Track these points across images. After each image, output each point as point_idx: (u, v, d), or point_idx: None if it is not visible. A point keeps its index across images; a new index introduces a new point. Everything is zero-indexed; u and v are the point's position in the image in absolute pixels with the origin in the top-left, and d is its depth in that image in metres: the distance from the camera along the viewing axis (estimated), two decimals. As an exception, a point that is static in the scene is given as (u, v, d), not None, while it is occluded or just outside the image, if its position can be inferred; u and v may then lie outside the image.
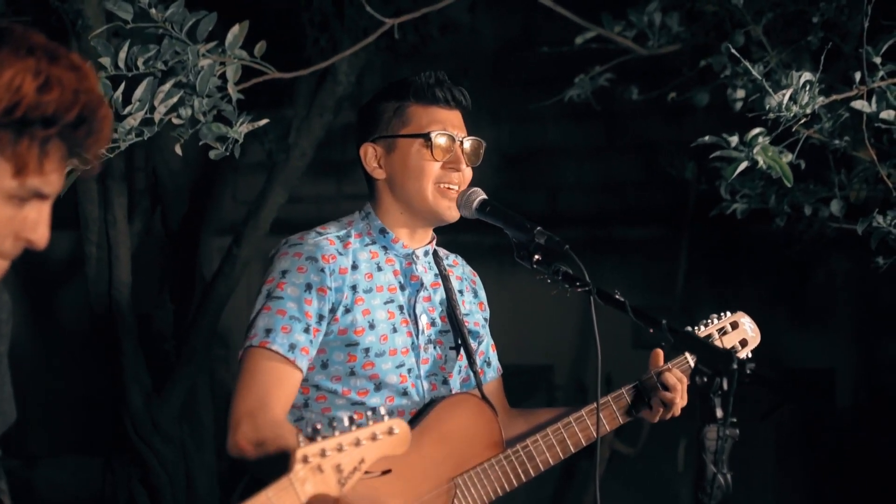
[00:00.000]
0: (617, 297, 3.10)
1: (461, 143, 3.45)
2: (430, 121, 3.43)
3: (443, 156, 3.41)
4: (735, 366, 2.69)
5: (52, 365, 7.32)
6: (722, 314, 3.64)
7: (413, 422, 3.36)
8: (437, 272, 3.57)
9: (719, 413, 2.71)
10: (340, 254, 3.37)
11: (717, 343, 3.56)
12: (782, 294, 7.17)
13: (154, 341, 6.33)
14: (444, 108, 3.46)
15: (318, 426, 2.38)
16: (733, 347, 3.60)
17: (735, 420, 2.71)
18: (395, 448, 2.48)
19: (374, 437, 2.44)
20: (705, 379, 2.73)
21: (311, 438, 2.36)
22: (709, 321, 3.61)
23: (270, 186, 6.08)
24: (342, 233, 3.44)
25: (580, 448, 3.45)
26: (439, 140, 3.41)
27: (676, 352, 3.49)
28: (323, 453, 2.36)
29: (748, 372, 2.70)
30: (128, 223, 5.64)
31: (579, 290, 3.14)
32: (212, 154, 3.69)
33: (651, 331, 2.94)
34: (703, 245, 7.28)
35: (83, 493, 7.03)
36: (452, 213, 3.45)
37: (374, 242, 3.46)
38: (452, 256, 3.71)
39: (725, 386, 2.70)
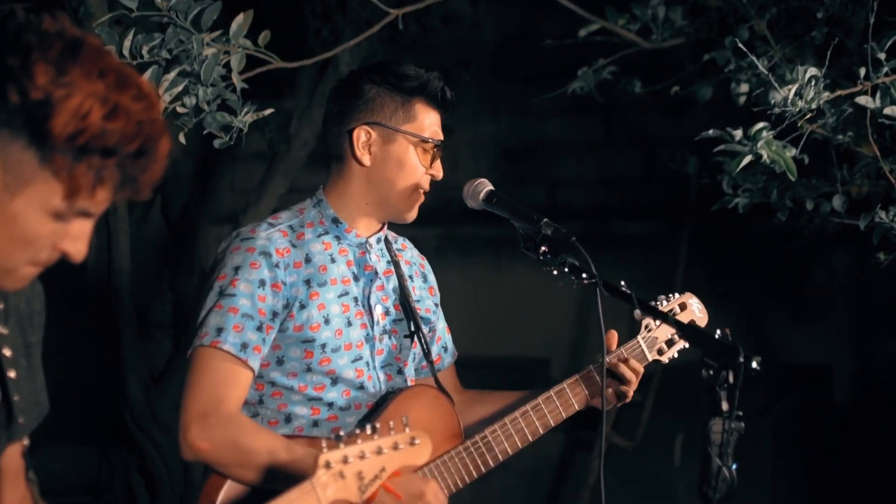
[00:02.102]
0: (623, 289, 3.11)
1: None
2: (432, 124, 3.42)
3: (432, 162, 3.41)
4: (741, 359, 2.70)
5: (49, 353, 7.31)
6: (671, 295, 3.66)
7: (371, 415, 3.35)
8: (389, 259, 3.53)
9: (725, 406, 2.71)
10: (294, 246, 3.32)
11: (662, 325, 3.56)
12: (781, 290, 7.17)
13: (153, 331, 6.32)
14: (441, 113, 3.46)
15: (341, 432, 2.38)
16: None
17: (741, 413, 2.71)
18: (415, 458, 2.49)
19: (395, 447, 2.45)
20: (711, 372, 2.73)
21: (333, 444, 2.37)
22: (656, 303, 3.61)
23: (271, 176, 6.06)
24: (294, 222, 3.38)
25: (537, 437, 3.45)
26: (437, 149, 3.42)
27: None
28: (345, 460, 2.37)
29: (754, 366, 2.70)
30: (128, 212, 5.63)
31: (585, 281, 3.14)
32: (216, 143, 3.68)
33: (657, 323, 2.94)
34: (702, 239, 7.28)
35: (79, 482, 7.01)
36: (414, 217, 3.45)
37: (326, 233, 3.40)
38: (401, 240, 3.66)
39: (731, 379, 2.71)
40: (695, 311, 3.66)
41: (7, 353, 2.30)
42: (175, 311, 6.44)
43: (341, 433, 2.39)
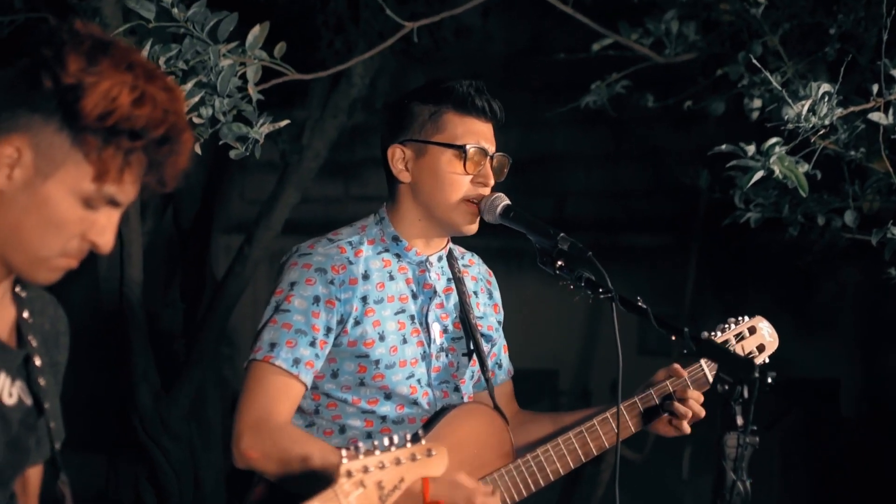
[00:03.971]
0: (639, 304, 3.10)
1: (492, 158, 3.40)
2: (466, 132, 3.37)
3: (474, 169, 3.36)
4: (756, 374, 2.70)
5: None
6: (740, 318, 3.62)
7: (424, 429, 3.34)
8: (451, 276, 3.52)
9: (740, 421, 2.72)
10: (351, 262, 3.33)
11: (734, 348, 3.55)
12: (789, 304, 7.17)
13: (164, 340, 6.33)
14: (480, 119, 3.41)
15: (360, 444, 2.41)
16: (750, 353, 3.58)
17: (755, 428, 2.71)
18: (432, 469, 2.53)
19: (413, 458, 2.49)
20: (726, 387, 2.73)
21: (353, 455, 2.40)
22: (726, 326, 3.59)
23: (283, 187, 6.07)
24: (354, 239, 3.39)
25: (591, 458, 3.45)
26: (474, 154, 3.36)
27: (692, 359, 3.51)
28: (366, 469, 2.41)
29: (769, 381, 2.70)
30: (140, 221, 5.64)
31: (601, 296, 3.14)
32: (232, 154, 3.68)
33: (673, 338, 2.94)
34: (709, 253, 7.29)
35: (88, 490, 7.02)
36: (472, 228, 3.41)
37: (387, 250, 3.41)
38: (469, 255, 3.67)
39: (746, 394, 2.71)
40: (765, 335, 3.62)
41: (38, 362, 2.35)
42: (185, 319, 6.45)
43: (360, 445, 2.42)
